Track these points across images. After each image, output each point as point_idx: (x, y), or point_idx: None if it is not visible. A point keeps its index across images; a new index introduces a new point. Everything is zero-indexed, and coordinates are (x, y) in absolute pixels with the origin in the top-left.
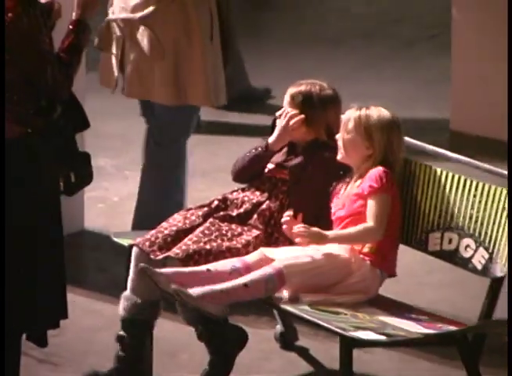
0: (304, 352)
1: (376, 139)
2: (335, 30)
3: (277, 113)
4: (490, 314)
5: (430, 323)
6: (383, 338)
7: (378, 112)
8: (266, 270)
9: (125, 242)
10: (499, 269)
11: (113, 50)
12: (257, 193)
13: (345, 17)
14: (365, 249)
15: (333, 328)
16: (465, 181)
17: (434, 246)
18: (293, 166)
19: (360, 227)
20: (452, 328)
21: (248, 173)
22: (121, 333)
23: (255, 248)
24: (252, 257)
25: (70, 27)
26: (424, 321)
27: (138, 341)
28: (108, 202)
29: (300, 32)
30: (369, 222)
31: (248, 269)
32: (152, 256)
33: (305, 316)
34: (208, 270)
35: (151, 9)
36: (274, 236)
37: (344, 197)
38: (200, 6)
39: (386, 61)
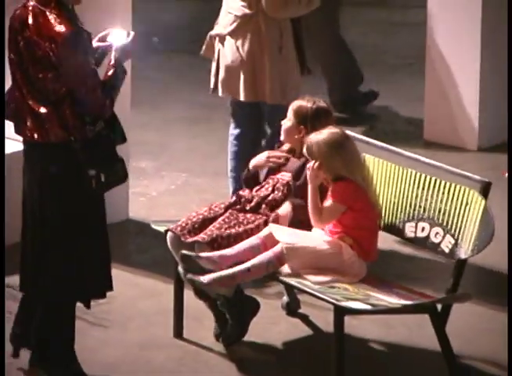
0: (305, 318)
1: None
2: None
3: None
4: (455, 289)
5: (406, 295)
6: (368, 307)
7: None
8: (267, 254)
9: (162, 228)
10: (463, 252)
11: (214, 58)
12: (263, 189)
13: None
14: (350, 242)
15: (328, 299)
16: (435, 181)
17: (410, 233)
18: (295, 168)
19: (321, 208)
20: (425, 300)
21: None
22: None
23: (262, 225)
24: (264, 232)
25: (111, 63)
26: (402, 294)
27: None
28: (148, 196)
29: None
30: (322, 213)
31: (264, 243)
32: (182, 239)
33: (306, 289)
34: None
35: (233, 26)
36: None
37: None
38: (271, 25)
39: (374, 82)
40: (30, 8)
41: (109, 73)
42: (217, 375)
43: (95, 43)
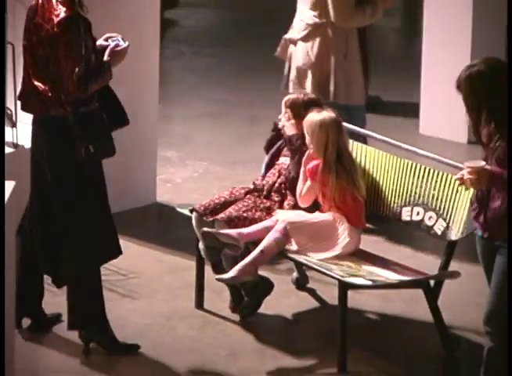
0: (312, 292)
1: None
2: None
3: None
4: (446, 267)
5: (403, 272)
6: (369, 282)
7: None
8: (273, 234)
9: (186, 211)
10: (454, 234)
11: (287, 59)
12: (271, 175)
13: None
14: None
15: (334, 275)
16: (429, 170)
17: (406, 217)
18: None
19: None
20: (420, 276)
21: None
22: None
23: (275, 211)
24: (276, 216)
25: (103, 61)
26: (399, 271)
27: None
28: (173, 183)
29: None
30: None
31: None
32: (204, 218)
33: (314, 266)
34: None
35: (305, 32)
36: (284, 202)
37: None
38: (337, 33)
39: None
40: None
41: (99, 68)
42: (234, 342)
43: (100, 41)
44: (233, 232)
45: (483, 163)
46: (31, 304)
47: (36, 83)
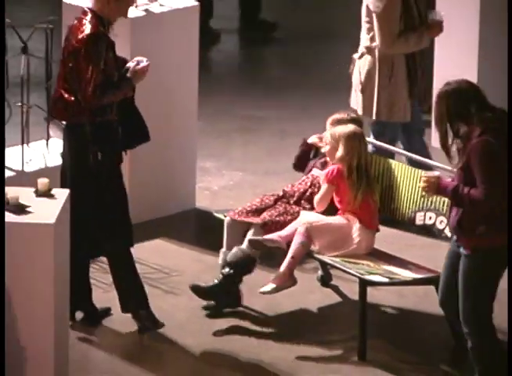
0: (335, 289)
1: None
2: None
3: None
4: None
5: (416, 270)
6: (386, 280)
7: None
8: (298, 238)
9: (221, 216)
10: None
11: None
12: (303, 183)
13: None
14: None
15: (354, 273)
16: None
17: (419, 221)
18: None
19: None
20: (431, 274)
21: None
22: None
23: None
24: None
25: (125, 76)
26: (413, 269)
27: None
28: (211, 190)
29: None
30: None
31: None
32: (237, 217)
33: (337, 265)
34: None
35: (360, 53)
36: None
37: None
38: (384, 57)
39: None
40: (79, 17)
41: (118, 82)
42: (265, 333)
43: (129, 64)
44: (274, 236)
45: (437, 173)
46: (82, 299)
47: (62, 92)
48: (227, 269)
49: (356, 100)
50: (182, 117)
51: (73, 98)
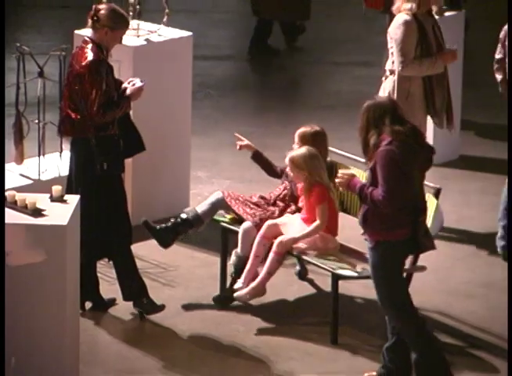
0: (311, 282)
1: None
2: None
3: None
4: (414, 262)
5: None
6: (355, 274)
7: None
8: (273, 256)
9: (218, 217)
10: None
11: None
12: (278, 189)
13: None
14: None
15: (327, 268)
16: None
17: None
18: None
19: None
20: None
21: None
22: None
23: (279, 216)
24: (262, 230)
25: (124, 95)
26: None
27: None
28: (202, 196)
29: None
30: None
31: (264, 237)
32: (229, 201)
33: (313, 261)
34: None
35: (386, 74)
36: (286, 210)
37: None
38: (402, 78)
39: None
40: (81, 45)
41: (118, 100)
42: (249, 320)
43: (125, 84)
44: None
45: (351, 172)
46: (91, 291)
47: (69, 111)
48: (178, 220)
49: None
50: (176, 132)
51: (79, 116)
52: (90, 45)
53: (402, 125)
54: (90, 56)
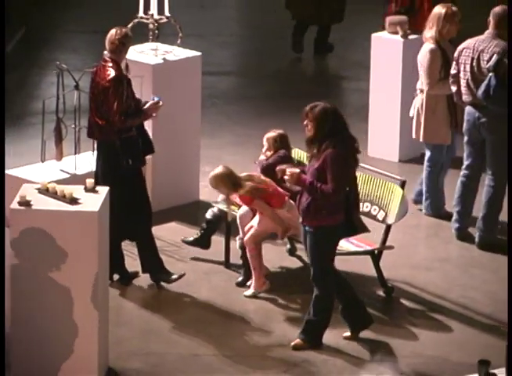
0: (299, 258)
1: None
2: None
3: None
4: (385, 241)
5: (357, 244)
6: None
7: None
8: (248, 254)
9: (219, 205)
10: (389, 220)
11: None
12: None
13: None
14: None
15: None
16: (374, 179)
17: (360, 209)
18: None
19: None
20: (368, 247)
21: None
22: None
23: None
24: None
25: (143, 108)
26: (355, 244)
27: None
28: (209, 187)
29: None
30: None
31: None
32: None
33: (299, 240)
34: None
35: (417, 92)
36: None
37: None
38: (430, 96)
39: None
40: (101, 63)
41: (136, 112)
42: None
43: (150, 100)
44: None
45: (298, 170)
46: (118, 265)
47: (96, 119)
48: (204, 225)
49: (413, 127)
50: (188, 134)
51: (104, 122)
52: (110, 63)
53: (344, 130)
54: (112, 72)
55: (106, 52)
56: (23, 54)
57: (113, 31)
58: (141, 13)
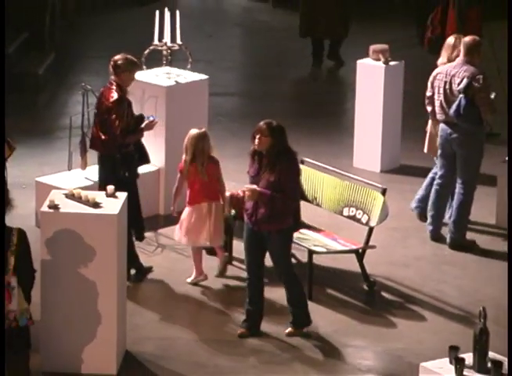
0: (294, 256)
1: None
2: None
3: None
4: (368, 242)
5: (343, 244)
6: (325, 250)
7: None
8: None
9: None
10: (372, 223)
11: None
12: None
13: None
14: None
15: (305, 245)
16: (358, 187)
17: (346, 213)
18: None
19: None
20: (353, 246)
21: None
22: None
23: None
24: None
25: (139, 128)
26: (342, 243)
27: None
28: None
29: None
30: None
31: None
32: None
33: (295, 240)
34: None
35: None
36: None
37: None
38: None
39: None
40: (106, 86)
41: (134, 130)
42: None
43: (146, 119)
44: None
45: (254, 186)
46: (134, 261)
47: (100, 134)
48: None
49: (425, 142)
50: None
51: (107, 137)
52: (114, 86)
53: (290, 146)
54: (115, 95)
55: (112, 76)
56: (53, 76)
57: (117, 57)
58: (156, 41)
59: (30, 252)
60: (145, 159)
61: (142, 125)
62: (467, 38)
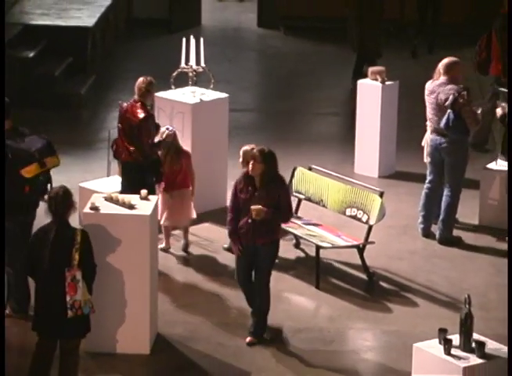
0: (303, 250)
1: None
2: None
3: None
4: (367, 238)
5: (346, 239)
6: (330, 245)
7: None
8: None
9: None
10: (371, 222)
11: None
12: None
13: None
14: None
15: (312, 241)
16: (359, 191)
17: (348, 213)
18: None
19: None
20: (355, 242)
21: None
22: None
23: None
24: None
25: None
26: (344, 239)
27: None
28: None
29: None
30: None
31: None
32: None
33: (304, 236)
34: None
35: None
36: None
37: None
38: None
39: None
40: (130, 103)
41: (159, 141)
42: None
43: (162, 128)
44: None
45: (260, 206)
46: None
47: (126, 144)
48: None
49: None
50: (219, 156)
51: (135, 148)
52: (139, 104)
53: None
54: (142, 113)
55: (135, 96)
56: (94, 96)
57: (140, 80)
58: (183, 64)
59: (92, 250)
60: (159, 175)
61: (160, 139)
62: (445, 59)
